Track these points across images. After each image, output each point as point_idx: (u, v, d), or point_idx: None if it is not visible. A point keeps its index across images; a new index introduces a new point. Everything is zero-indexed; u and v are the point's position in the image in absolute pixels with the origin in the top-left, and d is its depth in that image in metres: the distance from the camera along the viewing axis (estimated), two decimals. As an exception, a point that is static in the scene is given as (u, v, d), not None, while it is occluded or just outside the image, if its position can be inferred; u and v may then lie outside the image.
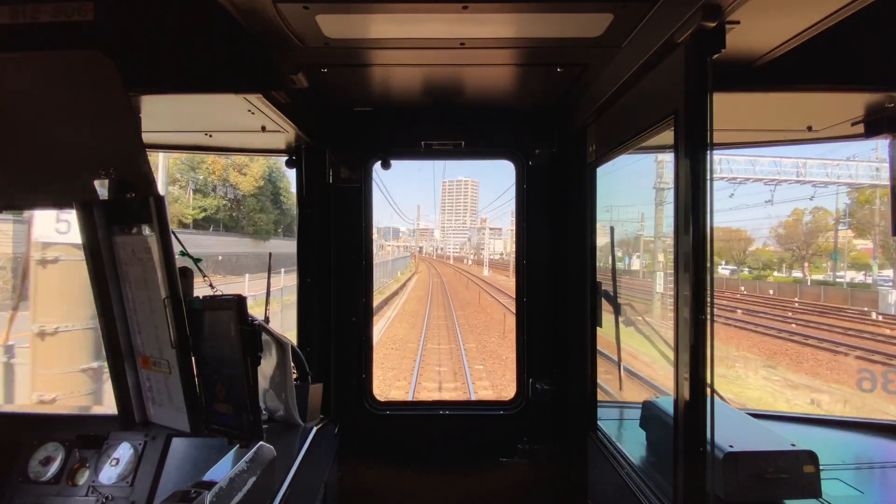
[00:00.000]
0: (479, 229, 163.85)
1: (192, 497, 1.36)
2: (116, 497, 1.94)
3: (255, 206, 49.35)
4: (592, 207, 2.66)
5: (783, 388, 12.81)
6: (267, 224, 50.56)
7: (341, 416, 2.92)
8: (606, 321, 2.67)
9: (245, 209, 49.35)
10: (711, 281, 1.48)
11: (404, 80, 2.39)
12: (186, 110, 2.22)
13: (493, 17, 1.69)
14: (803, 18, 1.47)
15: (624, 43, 1.86)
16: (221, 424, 1.75)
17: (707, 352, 1.46)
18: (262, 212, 50.25)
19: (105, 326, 1.86)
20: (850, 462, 2.15)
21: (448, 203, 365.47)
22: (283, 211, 53.84)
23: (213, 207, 45.45)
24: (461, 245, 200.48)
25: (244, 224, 49.40)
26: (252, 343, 1.65)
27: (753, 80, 1.82)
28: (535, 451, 2.89)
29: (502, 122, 2.92)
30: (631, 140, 2.08)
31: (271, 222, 51.57)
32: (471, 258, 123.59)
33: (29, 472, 2.02)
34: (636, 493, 1.97)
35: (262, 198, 49.99)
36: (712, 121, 1.44)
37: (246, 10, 1.60)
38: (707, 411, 1.46)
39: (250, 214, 49.51)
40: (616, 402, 3.07)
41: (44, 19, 1.67)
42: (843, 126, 2.30)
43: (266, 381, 2.20)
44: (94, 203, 1.76)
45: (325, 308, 2.90)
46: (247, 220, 49.54)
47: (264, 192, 50.02)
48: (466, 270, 69.81)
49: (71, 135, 1.70)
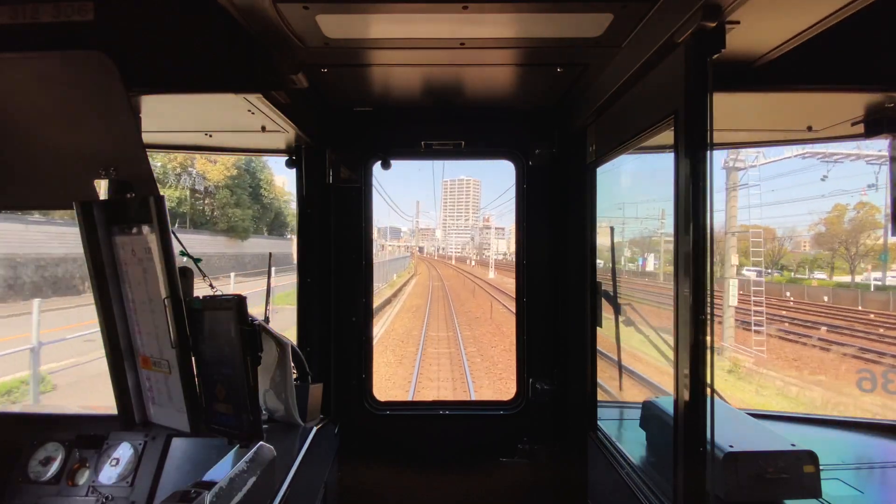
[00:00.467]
0: (482, 228, 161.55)
1: (192, 497, 1.36)
2: (116, 497, 1.94)
3: (228, 199, 44.20)
4: (592, 207, 2.66)
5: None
6: (244, 220, 45.28)
7: (341, 416, 2.92)
8: (606, 321, 2.67)
9: (217, 202, 44.22)
10: (711, 281, 1.48)
11: (404, 80, 2.39)
12: (186, 110, 2.22)
13: (493, 17, 1.68)
14: (803, 18, 1.47)
15: (624, 43, 1.86)
16: (221, 424, 1.75)
17: (707, 352, 1.47)
18: (238, 206, 44.90)
19: (105, 326, 1.86)
20: (850, 462, 2.14)
21: (450, 203, 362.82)
22: (264, 206, 49.06)
23: (175, 199, 40.09)
24: (463, 245, 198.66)
25: (217, 220, 44.20)
26: (252, 343, 1.65)
27: (753, 80, 1.82)
28: (535, 451, 2.89)
29: (502, 122, 2.92)
30: (631, 140, 2.08)
31: (249, 218, 46.18)
32: (473, 258, 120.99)
33: (29, 472, 2.02)
34: (636, 493, 1.97)
35: (238, 190, 44.99)
36: (712, 121, 1.44)
37: (246, 10, 1.60)
38: (707, 411, 1.46)
39: (224, 209, 44.19)
40: (616, 401, 3.07)
41: (44, 19, 1.67)
42: (843, 126, 2.30)
43: (266, 381, 2.20)
44: (94, 203, 1.76)
45: (325, 308, 2.90)
46: (220, 214, 44.28)
47: (240, 183, 45.35)
48: (469, 272, 64.92)
49: (71, 135, 1.70)
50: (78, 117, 1.68)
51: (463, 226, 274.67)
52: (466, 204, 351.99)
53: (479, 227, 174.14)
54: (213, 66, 1.79)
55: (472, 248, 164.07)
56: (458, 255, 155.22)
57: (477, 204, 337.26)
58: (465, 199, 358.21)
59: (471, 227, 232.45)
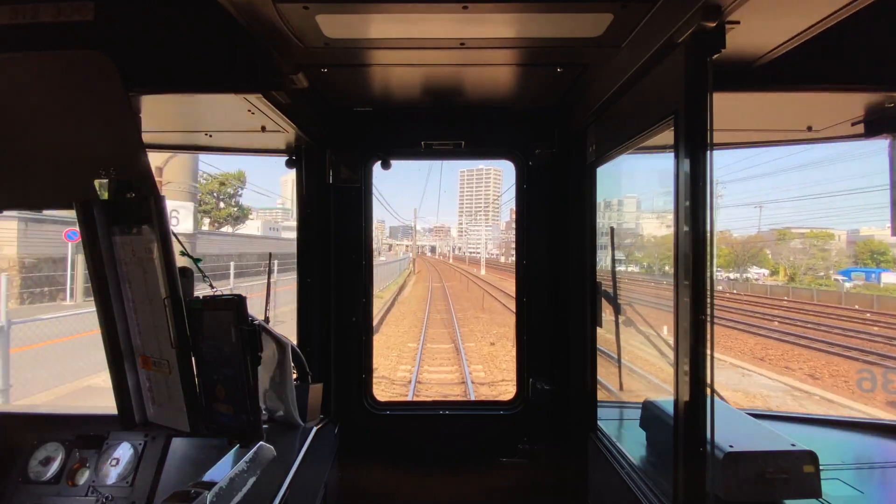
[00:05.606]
0: (508, 222, 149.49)
1: (192, 497, 1.36)
2: (116, 497, 1.94)
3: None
4: (592, 207, 2.66)
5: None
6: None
7: (341, 416, 2.92)
8: (606, 321, 2.67)
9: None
10: (712, 281, 1.48)
11: (404, 80, 2.39)
12: (186, 110, 2.22)
13: (493, 17, 1.69)
14: (803, 18, 1.47)
15: (624, 43, 1.86)
16: (221, 424, 1.75)
17: (707, 352, 1.47)
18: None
19: (105, 326, 1.86)
20: (850, 462, 2.14)
21: (466, 196, 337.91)
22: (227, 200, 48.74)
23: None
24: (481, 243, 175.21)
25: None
26: (252, 343, 1.65)
27: (753, 80, 1.82)
28: (535, 451, 2.90)
29: (502, 122, 2.92)
30: (631, 140, 2.08)
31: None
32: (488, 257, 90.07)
33: (29, 472, 2.03)
34: (636, 493, 1.97)
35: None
36: (712, 121, 1.44)
37: (246, 10, 1.60)
38: (707, 411, 1.46)
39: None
40: (616, 402, 3.07)
41: (44, 19, 1.67)
42: (843, 126, 2.30)
43: (266, 381, 2.20)
44: (94, 203, 1.76)
45: (325, 308, 2.90)
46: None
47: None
48: (485, 281, 43.26)
49: (71, 135, 1.70)
50: (78, 117, 1.68)
51: (481, 222, 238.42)
52: (486, 197, 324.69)
53: (505, 221, 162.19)
54: (213, 66, 1.79)
55: (495, 247, 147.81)
56: (472, 255, 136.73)
57: (498, 198, 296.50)
58: (484, 192, 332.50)
59: (490, 222, 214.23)
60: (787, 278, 54.79)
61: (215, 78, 1.79)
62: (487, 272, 63.74)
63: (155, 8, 1.75)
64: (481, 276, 54.09)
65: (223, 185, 48.80)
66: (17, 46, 1.67)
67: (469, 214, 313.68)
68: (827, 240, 59.96)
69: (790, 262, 57.96)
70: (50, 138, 1.71)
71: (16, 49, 1.66)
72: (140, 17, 1.74)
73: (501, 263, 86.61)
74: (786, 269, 56.51)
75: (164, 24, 1.76)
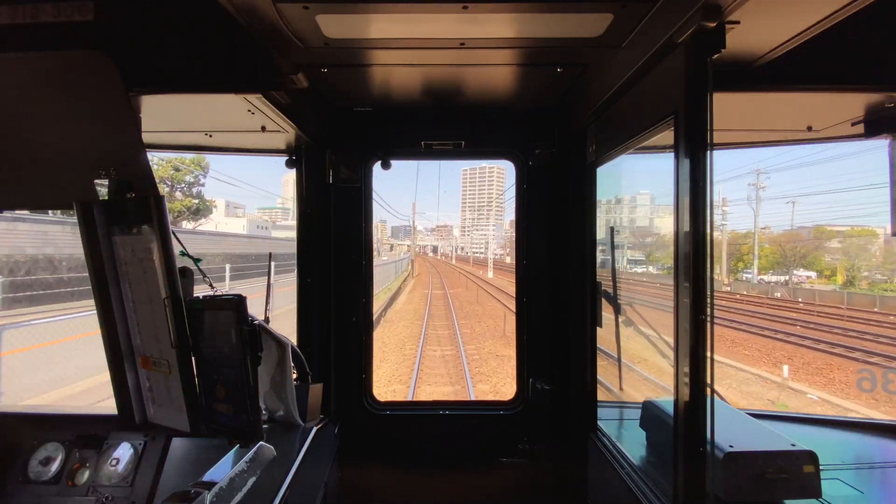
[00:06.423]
0: (512, 221, 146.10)
1: (192, 497, 1.36)
2: (116, 497, 1.94)
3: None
4: (592, 207, 2.66)
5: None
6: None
7: (341, 416, 2.92)
8: (606, 321, 2.67)
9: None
10: (711, 281, 1.48)
11: (404, 80, 2.39)
12: (186, 110, 2.22)
13: (493, 17, 1.68)
14: (803, 18, 1.48)
15: (624, 43, 1.86)
16: (221, 424, 1.75)
17: (707, 352, 1.47)
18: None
19: (105, 326, 1.86)
20: (850, 462, 2.14)
21: (469, 195, 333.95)
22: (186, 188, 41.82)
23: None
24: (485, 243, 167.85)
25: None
26: (252, 343, 1.65)
27: (753, 80, 1.82)
28: (535, 451, 2.90)
29: (502, 122, 2.92)
30: (631, 140, 2.08)
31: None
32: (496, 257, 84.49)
33: (29, 472, 2.03)
34: (636, 493, 1.97)
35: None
36: (712, 121, 1.44)
37: (246, 10, 1.60)
38: (707, 411, 1.46)
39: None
40: (616, 402, 3.07)
41: (44, 19, 1.67)
42: (843, 126, 2.30)
43: (266, 381, 2.20)
44: (94, 203, 1.76)
45: (325, 308, 2.90)
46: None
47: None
48: (496, 287, 37.51)
49: (71, 135, 1.70)
50: (78, 117, 1.68)
51: (484, 221, 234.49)
52: (490, 196, 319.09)
53: (510, 221, 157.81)
54: (213, 66, 1.79)
55: (500, 245, 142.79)
56: (477, 255, 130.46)
57: (502, 196, 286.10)
58: (487, 190, 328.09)
59: (494, 221, 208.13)
60: (845, 282, 46.58)
61: (215, 78, 1.79)
62: (496, 275, 57.54)
63: (155, 8, 1.75)
64: (489, 280, 47.79)
65: (178, 172, 41.71)
66: (17, 46, 1.67)
67: (472, 212, 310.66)
68: (871, 238, 52.05)
69: (850, 263, 49.42)
70: (50, 138, 1.71)
71: (16, 49, 1.66)
72: (140, 17, 1.74)
73: (507, 264, 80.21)
74: (845, 272, 48.59)
75: (165, 24, 1.76)
